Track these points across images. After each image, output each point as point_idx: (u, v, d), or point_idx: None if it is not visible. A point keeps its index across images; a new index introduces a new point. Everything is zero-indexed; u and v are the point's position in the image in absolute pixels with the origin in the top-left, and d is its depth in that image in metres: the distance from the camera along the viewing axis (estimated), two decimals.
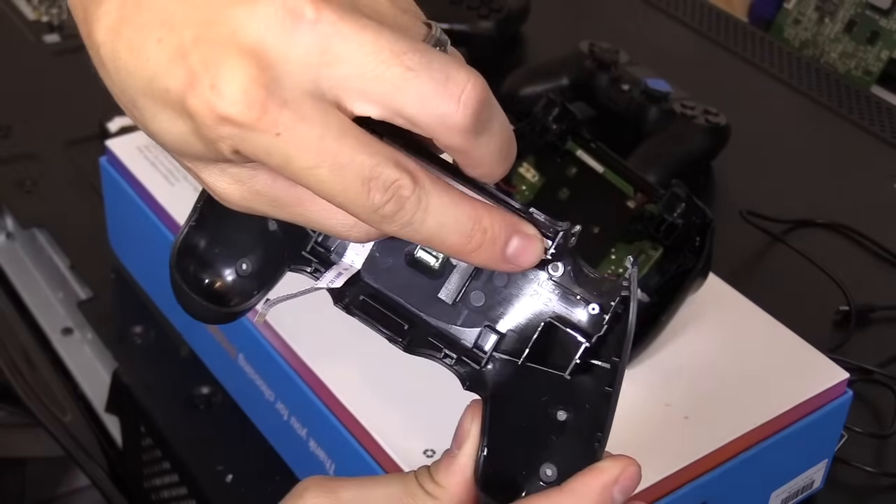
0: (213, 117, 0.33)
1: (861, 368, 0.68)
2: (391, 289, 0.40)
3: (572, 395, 0.39)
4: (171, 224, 0.64)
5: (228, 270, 0.41)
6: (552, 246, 0.37)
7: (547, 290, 0.39)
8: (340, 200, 0.34)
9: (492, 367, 0.40)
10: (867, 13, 1.04)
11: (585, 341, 0.38)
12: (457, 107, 0.34)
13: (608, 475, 0.38)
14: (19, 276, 0.79)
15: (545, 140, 0.64)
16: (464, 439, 0.40)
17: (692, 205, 0.58)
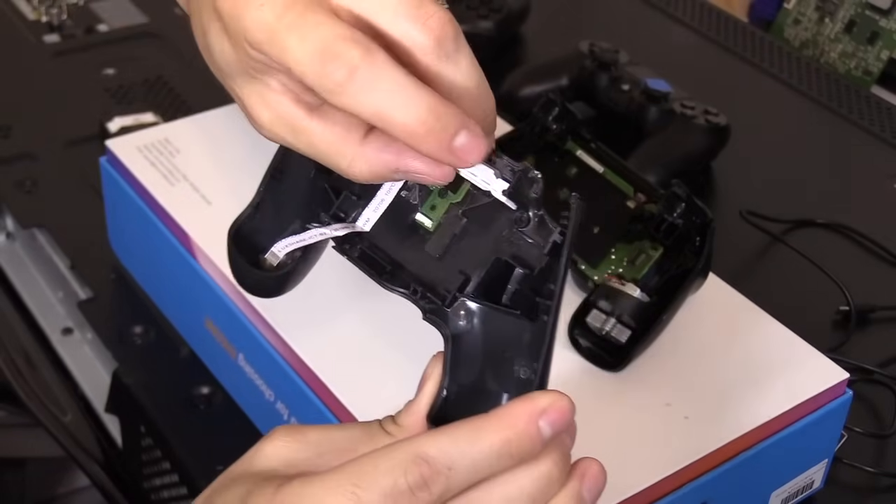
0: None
1: (861, 368, 0.68)
2: (387, 244, 0.45)
3: (529, 353, 0.42)
4: (171, 224, 0.64)
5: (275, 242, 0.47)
6: (510, 187, 0.42)
7: (510, 238, 0.43)
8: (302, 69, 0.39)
9: (456, 309, 0.43)
10: (867, 13, 1.04)
11: (528, 272, 0.42)
12: (420, 27, 0.39)
13: (535, 404, 0.39)
14: (19, 276, 0.79)
15: (545, 140, 0.64)
16: (424, 381, 0.43)
17: (692, 205, 0.58)
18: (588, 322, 0.58)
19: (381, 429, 0.42)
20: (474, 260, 0.43)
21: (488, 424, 0.39)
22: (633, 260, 0.59)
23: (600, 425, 0.54)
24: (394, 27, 0.39)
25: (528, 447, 0.39)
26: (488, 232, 0.44)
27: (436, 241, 0.44)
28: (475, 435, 0.38)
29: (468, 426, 0.39)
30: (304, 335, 0.57)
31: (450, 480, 0.38)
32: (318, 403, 0.55)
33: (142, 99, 0.88)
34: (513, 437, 0.39)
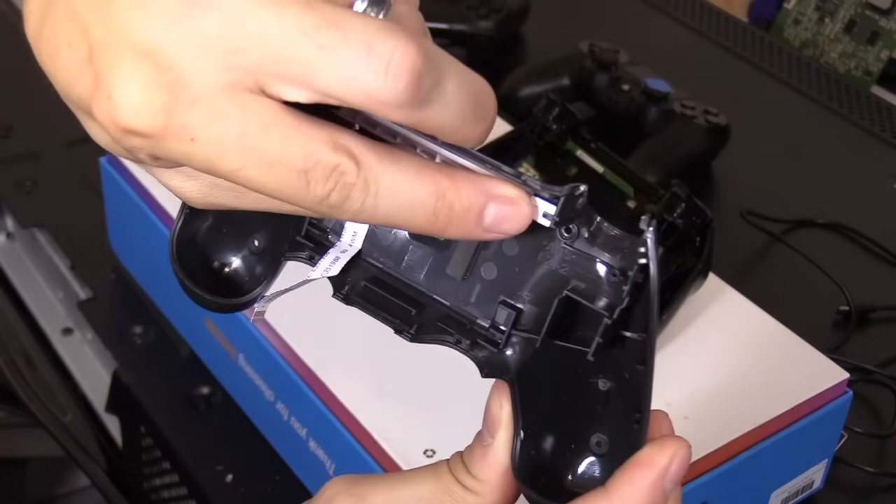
0: (117, 129, 0.30)
1: (861, 368, 0.68)
2: (394, 268, 0.37)
3: (605, 366, 0.36)
4: (171, 224, 0.64)
5: (233, 254, 0.39)
6: (556, 212, 0.33)
7: (561, 255, 0.35)
8: (282, 197, 0.31)
9: (512, 347, 0.36)
10: (867, 13, 1.04)
11: (607, 316, 0.35)
12: (385, 80, 0.29)
13: (656, 470, 0.35)
14: (19, 276, 0.79)
15: (545, 140, 0.64)
16: (495, 427, 0.36)
17: (692, 205, 0.58)
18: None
19: (457, 482, 0.37)
20: (510, 279, 0.36)
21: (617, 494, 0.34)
22: None
23: None
24: (350, 93, 0.30)
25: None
26: (522, 245, 0.36)
27: (454, 260, 0.37)
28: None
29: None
30: (304, 335, 0.57)
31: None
32: (318, 403, 0.55)
33: None
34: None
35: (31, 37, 0.32)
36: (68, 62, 0.31)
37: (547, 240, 0.35)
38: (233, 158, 0.30)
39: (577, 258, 0.35)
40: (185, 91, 0.29)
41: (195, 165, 0.31)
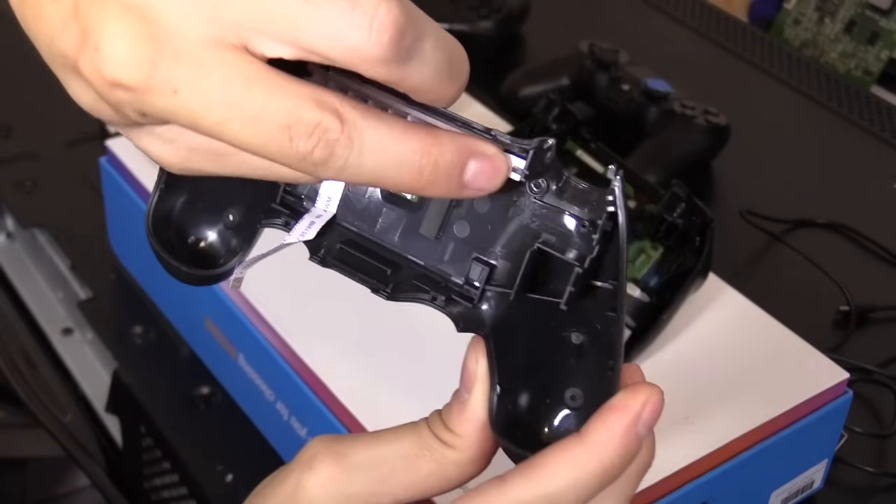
0: (104, 82, 0.31)
1: (861, 368, 0.68)
2: (369, 230, 0.38)
3: (578, 318, 0.36)
4: None
5: (209, 228, 0.39)
6: (526, 166, 0.35)
7: (532, 210, 0.36)
8: (264, 153, 0.31)
9: (487, 302, 0.37)
10: (867, 13, 1.04)
11: (578, 266, 0.35)
12: (368, 35, 0.30)
13: (629, 415, 0.35)
14: (19, 276, 0.79)
15: None
16: (472, 381, 0.37)
17: (692, 205, 0.58)
18: None
19: (435, 438, 0.37)
20: (483, 236, 0.37)
21: (585, 456, 0.35)
22: (633, 260, 0.59)
23: None
24: (335, 49, 0.30)
25: (629, 461, 0.35)
26: (493, 202, 0.37)
27: (427, 219, 0.37)
28: (573, 472, 0.34)
29: (563, 462, 0.34)
30: (304, 335, 0.57)
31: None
32: (318, 403, 0.55)
33: None
34: (614, 461, 0.35)
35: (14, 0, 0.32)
36: (53, 17, 0.31)
37: (517, 195, 0.36)
38: (215, 113, 0.30)
39: (547, 212, 0.36)
40: (169, 43, 0.30)
41: (179, 120, 0.31)
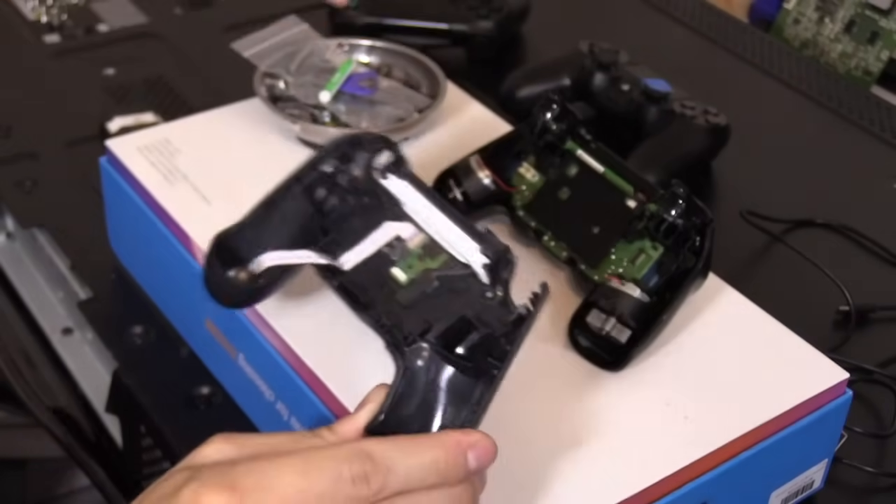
0: None
1: (861, 368, 0.68)
2: (364, 284, 0.51)
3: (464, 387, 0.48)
4: (171, 224, 0.64)
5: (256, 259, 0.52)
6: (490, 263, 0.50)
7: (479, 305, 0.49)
8: None
9: (414, 350, 0.48)
10: (867, 13, 1.04)
11: (486, 331, 0.48)
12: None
13: (468, 438, 0.45)
14: (19, 276, 0.79)
15: (545, 140, 0.64)
16: (365, 403, 0.47)
17: (692, 205, 0.58)
18: (588, 322, 0.58)
19: (316, 435, 0.45)
20: (440, 314, 0.49)
21: (426, 441, 0.44)
22: (633, 260, 0.59)
23: (600, 425, 0.54)
24: None
25: (454, 471, 0.44)
26: (458, 297, 0.50)
27: (406, 293, 0.50)
28: (414, 447, 0.44)
29: (408, 439, 0.44)
30: (304, 335, 0.57)
31: (387, 480, 0.42)
32: (319, 404, 0.55)
33: (142, 99, 0.88)
34: (443, 458, 0.44)
35: None
36: None
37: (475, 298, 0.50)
38: None
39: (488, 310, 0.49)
40: None
41: None
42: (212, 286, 0.52)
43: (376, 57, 0.75)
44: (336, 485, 0.42)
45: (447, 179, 0.65)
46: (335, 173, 0.53)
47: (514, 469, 0.51)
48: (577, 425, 0.54)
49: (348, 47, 0.75)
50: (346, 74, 0.70)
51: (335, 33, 0.93)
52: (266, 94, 0.71)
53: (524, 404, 0.54)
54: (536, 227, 0.63)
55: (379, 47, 0.75)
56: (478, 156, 0.65)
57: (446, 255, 0.51)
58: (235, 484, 0.41)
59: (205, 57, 0.94)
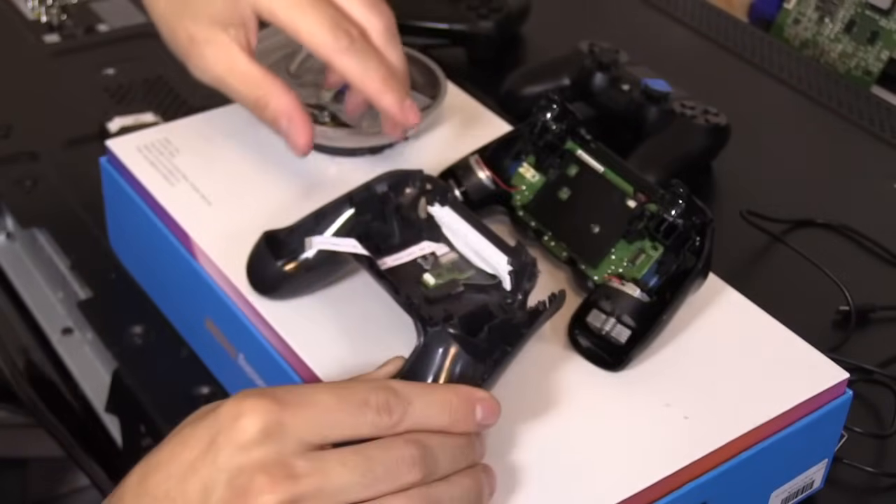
0: None
1: (861, 368, 0.68)
2: (398, 279, 0.55)
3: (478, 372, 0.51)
4: (171, 224, 0.64)
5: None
6: (513, 271, 0.55)
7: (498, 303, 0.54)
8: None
9: (436, 332, 0.51)
10: (867, 13, 1.04)
11: (504, 318, 0.53)
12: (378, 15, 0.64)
13: (477, 392, 0.49)
14: (19, 276, 0.79)
15: (545, 140, 0.64)
16: (389, 362, 0.52)
17: (692, 205, 0.58)
18: (588, 322, 0.58)
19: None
20: (461, 309, 0.53)
21: (441, 386, 0.49)
22: (633, 260, 0.59)
23: (600, 425, 0.54)
24: (359, 14, 0.62)
25: (463, 417, 0.47)
26: (479, 300, 0.55)
27: (434, 292, 0.55)
28: (431, 388, 0.48)
29: (426, 384, 0.50)
30: (304, 335, 0.57)
31: (405, 413, 0.46)
32: None
33: (142, 99, 0.88)
34: (455, 402, 0.48)
35: None
36: None
37: (496, 302, 0.54)
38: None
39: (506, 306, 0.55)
40: None
41: None
42: (258, 272, 0.58)
43: None
44: (362, 409, 0.45)
45: (447, 179, 0.65)
46: (385, 196, 0.58)
47: (514, 469, 0.51)
48: (577, 425, 0.54)
49: None
50: None
51: None
52: None
53: (524, 404, 0.54)
54: (536, 227, 0.63)
55: None
56: (478, 156, 0.65)
57: (474, 270, 0.57)
58: (276, 396, 0.45)
59: None
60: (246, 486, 0.43)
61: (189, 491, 0.44)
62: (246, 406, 0.44)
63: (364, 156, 0.69)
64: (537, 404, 0.54)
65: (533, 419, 0.54)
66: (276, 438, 0.44)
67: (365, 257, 0.56)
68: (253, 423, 0.44)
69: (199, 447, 0.44)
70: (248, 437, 0.44)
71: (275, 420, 0.44)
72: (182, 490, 0.44)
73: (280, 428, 0.44)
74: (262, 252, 0.58)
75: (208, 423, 0.45)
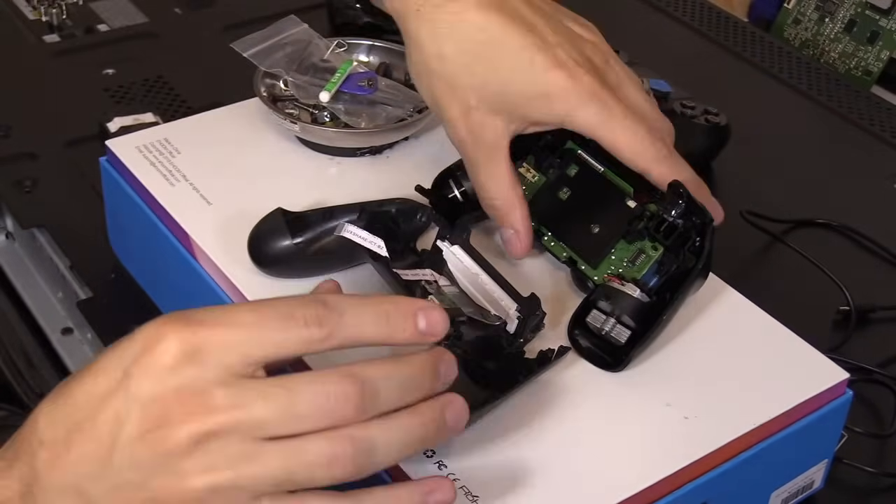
0: None
1: (861, 368, 0.68)
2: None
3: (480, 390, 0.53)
4: (171, 224, 0.64)
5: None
6: (521, 315, 0.56)
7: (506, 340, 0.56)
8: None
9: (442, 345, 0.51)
10: (867, 13, 1.04)
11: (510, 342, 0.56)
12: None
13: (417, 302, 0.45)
14: (19, 276, 0.79)
15: (545, 140, 0.64)
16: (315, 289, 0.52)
17: (692, 205, 0.58)
18: (588, 322, 0.58)
19: None
20: (469, 334, 0.55)
21: (379, 297, 0.46)
22: (633, 260, 0.59)
23: (600, 425, 0.54)
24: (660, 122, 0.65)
25: (402, 325, 0.44)
26: (483, 334, 0.56)
27: None
28: (365, 298, 0.45)
29: (363, 295, 0.46)
30: None
31: (338, 325, 0.43)
32: None
33: (142, 99, 0.88)
34: (393, 310, 0.44)
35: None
36: None
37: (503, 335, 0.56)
38: None
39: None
40: None
41: None
42: (266, 246, 0.59)
43: (376, 57, 0.75)
44: (287, 323, 0.42)
45: (447, 179, 0.65)
46: (395, 217, 0.60)
47: (514, 469, 0.51)
48: (577, 425, 0.54)
49: (348, 47, 0.75)
50: (346, 74, 0.70)
51: (335, 33, 0.93)
52: (266, 94, 0.71)
53: (524, 404, 0.54)
54: (536, 227, 0.63)
55: (379, 47, 0.75)
56: None
57: (475, 308, 0.57)
58: (193, 318, 0.43)
59: (205, 57, 0.93)
60: (159, 417, 0.41)
61: (100, 421, 0.42)
62: (162, 331, 0.42)
63: (364, 156, 0.69)
64: (537, 405, 0.54)
65: (533, 419, 0.54)
66: (194, 364, 0.42)
67: (384, 259, 0.57)
68: (169, 349, 0.42)
69: (113, 376, 0.42)
70: (163, 363, 0.42)
71: (192, 344, 0.42)
72: (93, 421, 0.42)
73: (198, 352, 0.42)
74: (278, 225, 0.59)
75: (122, 350, 0.43)
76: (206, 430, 0.41)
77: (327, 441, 0.42)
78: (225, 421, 0.41)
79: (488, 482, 0.50)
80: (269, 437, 0.41)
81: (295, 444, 0.41)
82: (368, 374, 0.43)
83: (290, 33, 0.74)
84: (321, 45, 0.74)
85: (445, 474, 0.50)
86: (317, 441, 0.42)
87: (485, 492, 0.50)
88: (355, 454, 0.42)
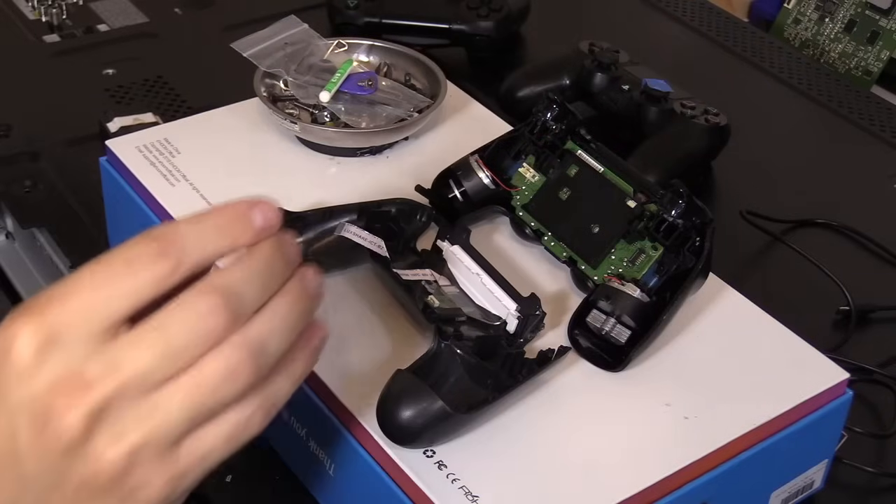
0: None
1: (861, 368, 0.68)
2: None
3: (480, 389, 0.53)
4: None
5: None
6: (521, 315, 0.56)
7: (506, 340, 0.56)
8: None
9: (447, 344, 0.53)
10: (867, 13, 1.04)
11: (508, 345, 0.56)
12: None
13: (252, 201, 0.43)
14: (19, 276, 0.79)
15: (545, 140, 0.64)
16: None
17: (692, 205, 0.58)
18: (588, 322, 0.58)
19: None
20: (470, 333, 0.56)
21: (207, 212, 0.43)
22: (633, 260, 0.59)
23: (600, 425, 0.54)
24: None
25: (241, 229, 0.42)
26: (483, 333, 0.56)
27: (440, 312, 0.56)
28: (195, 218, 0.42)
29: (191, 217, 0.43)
30: None
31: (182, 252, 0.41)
32: (318, 403, 0.55)
33: (142, 99, 0.88)
34: (227, 220, 0.42)
35: None
36: None
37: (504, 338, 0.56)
38: None
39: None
40: None
41: None
42: None
43: (376, 57, 0.75)
44: (130, 268, 0.40)
45: (447, 179, 0.65)
46: (395, 217, 0.60)
47: (514, 469, 0.51)
48: (576, 425, 0.54)
49: (348, 47, 0.75)
50: (346, 74, 0.70)
51: (335, 33, 0.93)
52: (266, 94, 0.71)
53: (524, 404, 0.54)
54: (536, 227, 0.63)
55: (379, 47, 0.75)
56: (478, 156, 0.65)
57: (474, 308, 0.57)
58: (37, 303, 0.41)
59: (205, 57, 0.94)
60: (45, 415, 0.40)
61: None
62: (12, 330, 0.40)
63: (364, 156, 0.69)
64: (537, 405, 0.54)
65: (533, 419, 0.54)
66: (55, 349, 0.40)
67: (384, 259, 0.58)
68: (24, 347, 0.40)
69: None
70: (25, 363, 0.40)
71: (44, 331, 0.40)
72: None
73: (53, 336, 0.40)
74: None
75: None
76: (93, 406, 0.40)
77: (217, 358, 0.41)
78: (108, 390, 0.40)
79: (488, 482, 0.50)
80: (160, 382, 0.40)
81: (188, 376, 0.40)
82: (225, 280, 0.41)
83: (290, 33, 0.74)
84: (321, 45, 0.74)
85: (445, 474, 0.50)
86: (208, 363, 0.41)
87: (485, 492, 0.50)
88: (249, 356, 0.41)
